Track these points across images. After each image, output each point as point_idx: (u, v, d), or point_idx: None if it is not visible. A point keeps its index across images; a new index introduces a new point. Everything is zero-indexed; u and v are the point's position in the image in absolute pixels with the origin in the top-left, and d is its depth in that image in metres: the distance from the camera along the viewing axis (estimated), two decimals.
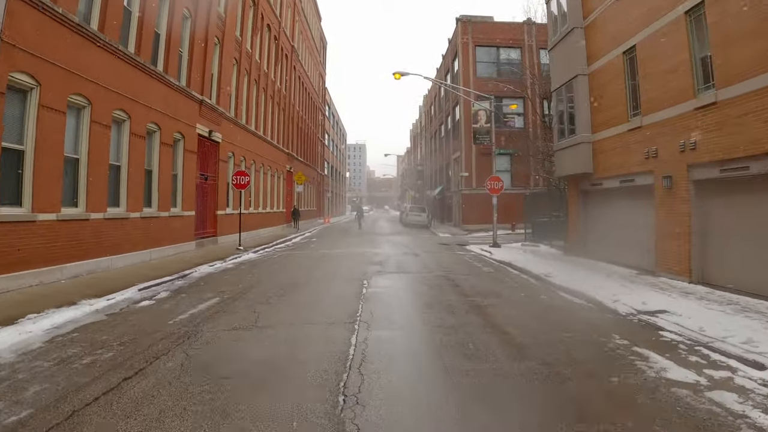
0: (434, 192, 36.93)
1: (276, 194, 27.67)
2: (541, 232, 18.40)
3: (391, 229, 32.01)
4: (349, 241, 20.78)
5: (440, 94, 41.94)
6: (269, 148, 25.97)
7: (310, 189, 40.52)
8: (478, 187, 30.49)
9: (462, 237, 25.05)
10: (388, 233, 27.45)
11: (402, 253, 15.70)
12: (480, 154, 30.74)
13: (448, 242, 21.21)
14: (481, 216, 30.09)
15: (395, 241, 21.20)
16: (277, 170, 27.64)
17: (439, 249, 17.72)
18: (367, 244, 19.43)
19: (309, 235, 25.15)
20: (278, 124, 28.36)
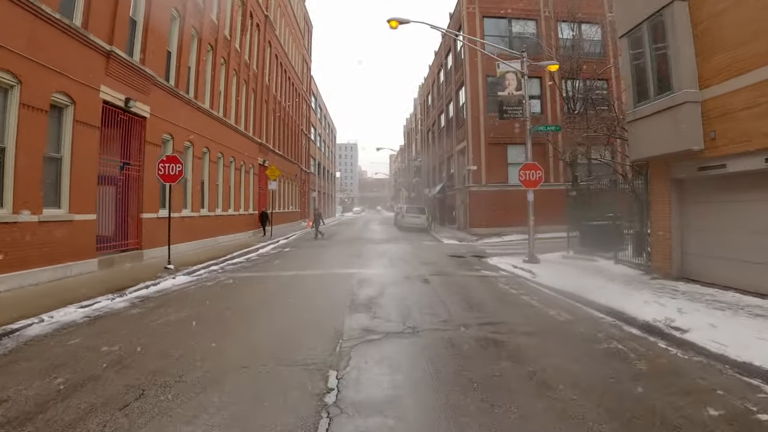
0: (434, 190, 32.04)
1: (243, 192, 22.55)
2: (593, 240, 13.49)
3: (385, 234, 26.94)
4: (330, 254, 15.70)
5: (439, 81, 37.05)
6: (233, 135, 20.85)
7: (291, 187, 35.39)
8: (488, 183, 25.59)
9: (473, 244, 20.09)
10: (381, 239, 22.40)
11: (403, 277, 10.44)
12: (490, 143, 25.84)
13: (461, 253, 16.21)
14: (493, 217, 25.20)
15: (391, 252, 16.14)
16: (244, 163, 22.53)
17: (455, 266, 12.68)
18: (354, 257, 14.36)
19: (281, 244, 20.04)
20: (247, 107, 23.26)
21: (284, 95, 32.79)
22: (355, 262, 12.80)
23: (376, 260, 13.37)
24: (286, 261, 13.69)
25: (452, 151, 30.92)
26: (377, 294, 8.23)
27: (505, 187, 25.74)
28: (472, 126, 25.78)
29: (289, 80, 34.52)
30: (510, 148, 26.21)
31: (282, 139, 32.07)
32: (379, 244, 19.49)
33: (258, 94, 25.07)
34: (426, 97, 45.26)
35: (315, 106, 51.04)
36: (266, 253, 16.55)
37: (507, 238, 22.85)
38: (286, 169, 32.64)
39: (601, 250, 12.91)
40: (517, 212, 25.91)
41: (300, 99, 39.87)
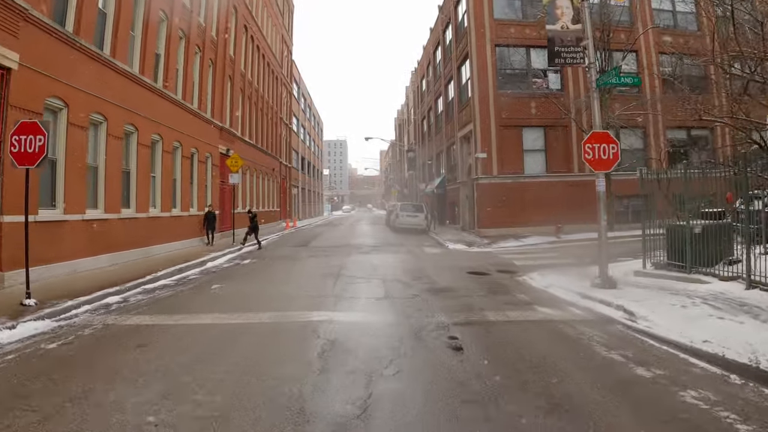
0: (432, 184, 27.60)
1: (196, 187, 17.88)
2: (690, 248, 8.98)
3: (376, 237, 22.37)
4: (297, 272, 10.98)
5: (435, 61, 32.57)
6: (179, 113, 16.16)
7: (268, 183, 30.70)
8: (500, 174, 21.17)
9: (489, 251, 15.64)
10: (371, 246, 17.81)
11: (409, 334, 5.45)
12: (502, 126, 21.41)
13: (482, 267, 11.66)
14: (506, 215, 20.80)
15: (384, 268, 11.30)
16: (197, 150, 17.84)
17: (487, 298, 7.88)
18: (329, 280, 9.44)
19: (242, 254, 15.44)
20: (203, 81, 18.55)
21: (258, 76, 28.07)
22: (329, 293, 8.08)
23: (362, 287, 8.66)
24: (229, 288, 9.03)
25: (454, 138, 26.46)
26: (359, 407, 3.61)
27: (521, 178, 21.37)
28: (480, 105, 21.32)
29: (264, 59, 29.80)
30: (526, 132, 21.82)
31: (255, 127, 27.37)
32: (369, 253, 14.89)
33: (219, 66, 20.37)
34: (420, 82, 40.75)
35: (298, 95, 46.33)
36: (212, 269, 11.96)
37: (527, 241, 18.45)
38: (260, 161, 27.96)
39: (700, 262, 8.48)
40: (534, 209, 21.54)
41: (279, 84, 35.17)
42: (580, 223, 21.18)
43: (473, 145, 22.37)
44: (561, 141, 22.10)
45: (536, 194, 21.28)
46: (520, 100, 21.40)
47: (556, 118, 21.92)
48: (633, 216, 23.21)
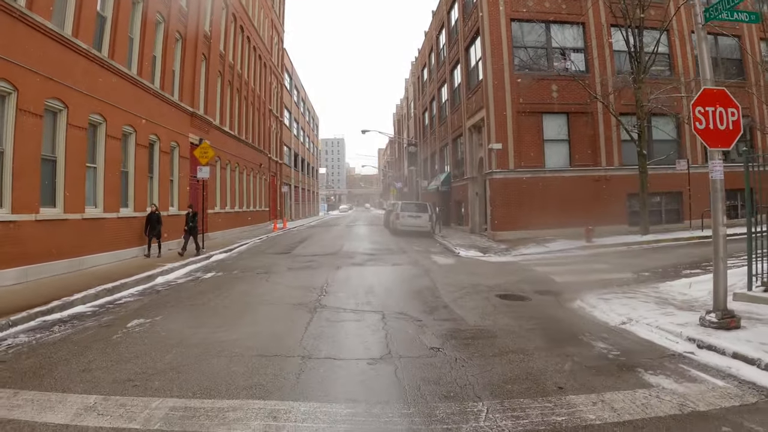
0: (437, 181, 24.64)
1: (157, 183, 14.91)
2: None
3: (374, 241, 19.40)
4: (258, 301, 7.41)
5: (438, 46, 29.65)
6: (130, 90, 13.19)
7: (255, 180, 27.72)
8: (518, 168, 18.26)
9: (512, 260, 12.70)
10: (366, 253, 14.82)
11: None
12: (519, 113, 18.49)
13: (512, 285, 8.73)
14: (525, 216, 17.91)
15: (384, 288, 8.27)
16: (158, 138, 14.87)
17: (554, 350, 4.82)
18: (300, 317, 6.20)
19: (195, 269, 12.41)
20: (166, 56, 15.58)
21: (243, 60, 25.10)
22: (294, 348, 4.80)
23: (349, 333, 5.41)
24: (148, 330, 5.97)
25: (461, 129, 23.52)
26: None
27: (540, 172, 18.47)
28: (494, 89, 18.38)
29: (250, 42, 26.81)
30: (546, 119, 18.91)
31: (238, 117, 24.40)
32: (364, 264, 11.84)
33: (190, 42, 17.39)
34: (421, 72, 37.81)
35: (290, 87, 43.33)
36: (158, 288, 9.05)
37: (552, 246, 15.54)
38: (244, 155, 24.99)
39: None
40: (557, 208, 18.53)
41: (268, 72, 32.18)
42: (608, 224, 18.32)
43: (485, 136, 19.45)
44: (586, 129, 19.20)
45: (559, 191, 18.39)
46: (539, 83, 18.49)
47: (581, 103, 19.07)
48: (667, 216, 20.36)
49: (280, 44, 38.03)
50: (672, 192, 20.15)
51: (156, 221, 13.23)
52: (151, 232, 13.14)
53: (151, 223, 13.17)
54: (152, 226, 13.14)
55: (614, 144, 19.36)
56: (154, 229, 13.18)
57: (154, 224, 13.17)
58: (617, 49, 19.88)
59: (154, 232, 13.19)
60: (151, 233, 13.16)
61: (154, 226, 13.16)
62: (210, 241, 18.34)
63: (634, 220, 19.35)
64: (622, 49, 19.91)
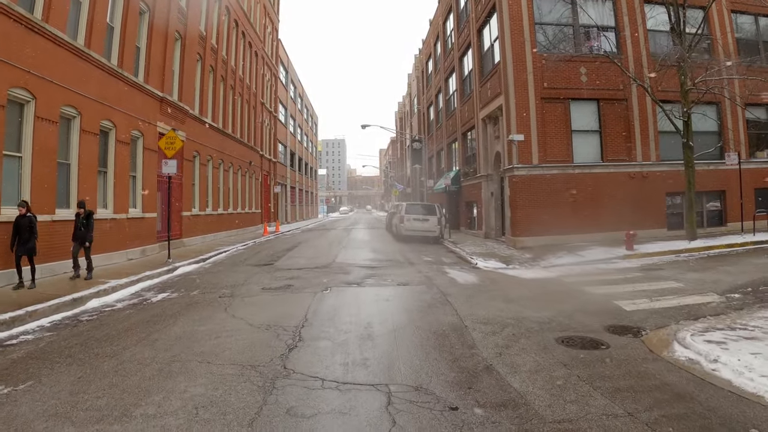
0: (445, 180, 22.02)
1: (112, 178, 12.33)
2: None
3: (375, 249, 16.75)
4: (190, 358, 4.50)
5: (445, 33, 27.09)
6: (72, 62, 10.62)
7: (243, 179, 25.14)
8: (543, 164, 15.65)
9: (544, 275, 10.06)
10: (366, 265, 12.18)
11: None
12: (543, 99, 15.89)
13: (568, 316, 6.12)
14: (553, 219, 15.30)
15: (388, 327, 5.60)
16: (114, 124, 12.28)
17: None
18: (249, 402, 4.09)
19: (146, 287, 9.81)
20: (126, 29, 13.02)
21: (229, 46, 22.54)
22: None
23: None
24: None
25: (472, 121, 20.92)
26: None
27: (569, 168, 15.87)
28: (515, 70, 15.78)
29: (238, 27, 24.27)
30: (574, 107, 16.30)
31: (224, 108, 21.83)
32: (361, 283, 9.12)
33: (160, 16, 14.82)
34: (425, 64, 35.24)
35: (286, 81, 40.79)
36: (83, 318, 6.55)
37: (588, 255, 12.94)
38: (230, 150, 22.41)
39: None
40: (588, 209, 15.92)
41: (260, 62, 29.62)
42: (644, 227, 15.68)
43: (502, 126, 16.86)
44: (619, 119, 16.60)
45: (589, 190, 15.81)
46: (565, 65, 15.89)
47: (614, 88, 16.50)
48: (708, 218, 17.70)
49: (274, 34, 35.49)
50: (714, 191, 17.56)
51: (27, 230, 8.10)
52: (21, 246, 8.06)
53: (19, 231, 8.04)
54: (21, 237, 8.05)
55: (651, 136, 16.76)
56: (26, 243, 8.11)
57: (24, 234, 8.07)
58: (651, 28, 17.37)
59: (25, 247, 8.11)
60: (20, 248, 8.06)
61: (23, 236, 8.06)
62: (184, 248, 15.78)
63: (673, 223, 16.81)
64: (656, 28, 17.47)
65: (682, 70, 14.77)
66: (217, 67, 20.67)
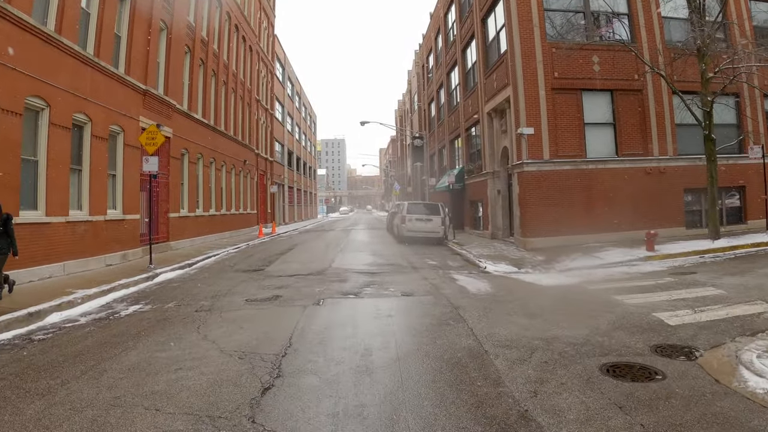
0: (449, 178, 20.97)
1: (87, 177, 11.28)
2: None
3: (375, 252, 15.72)
4: (139, 403, 3.77)
5: (447, 25, 26.06)
6: (39, 47, 9.59)
7: (237, 178, 24.12)
8: (555, 159, 14.62)
9: (563, 280, 9.01)
10: (365, 271, 11.10)
11: None
12: (554, 90, 14.86)
13: (606, 335, 5.10)
14: (565, 218, 14.29)
15: (392, 354, 4.47)
16: (90, 118, 11.25)
17: None
18: None
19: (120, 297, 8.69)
20: (104, 14, 11.99)
21: (221, 39, 21.51)
22: None
23: None
24: None
25: (477, 115, 19.88)
26: None
27: (582, 164, 14.85)
28: (523, 58, 14.75)
29: (231, 19, 23.24)
30: (587, 98, 15.26)
31: (216, 104, 20.81)
32: (359, 293, 8.00)
33: (143, 5, 13.80)
34: (426, 59, 34.21)
35: (283, 78, 39.76)
36: (26, 340, 5.44)
37: (607, 257, 11.91)
38: (223, 148, 21.38)
39: None
40: (601, 208, 14.83)
41: (255, 57, 28.59)
42: (661, 226, 14.60)
43: (510, 120, 15.83)
44: (634, 111, 15.56)
45: (603, 186, 14.79)
46: (577, 54, 14.83)
47: (628, 78, 15.49)
48: (727, 216, 16.64)
49: (270, 29, 34.46)
50: (733, 187, 16.53)
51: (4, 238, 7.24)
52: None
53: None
54: None
55: (668, 129, 15.73)
56: None
57: None
58: (665, 15, 16.35)
59: None
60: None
61: None
62: (171, 252, 14.76)
63: (692, 221, 15.81)
64: (671, 15, 16.48)
65: (702, 57, 13.75)
66: (207, 60, 19.63)
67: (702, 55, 13.68)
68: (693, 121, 15.15)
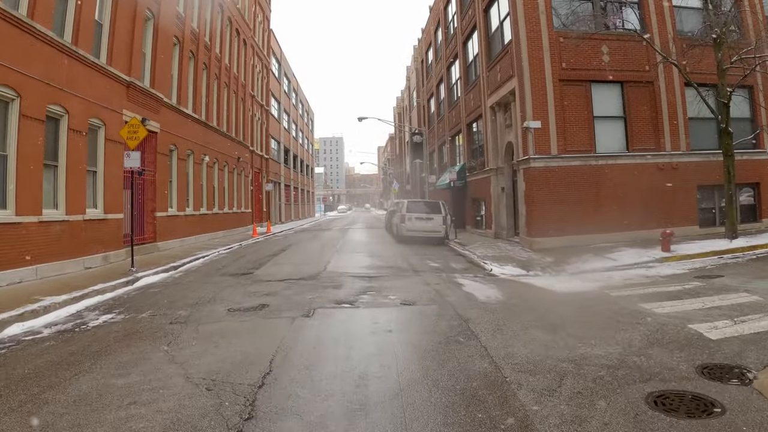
0: (450, 175, 20.20)
1: (64, 173, 10.47)
2: None
3: (373, 254, 14.96)
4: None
5: (447, 18, 25.26)
6: (16, 37, 8.79)
7: (230, 176, 23.32)
8: (563, 154, 13.87)
9: (581, 286, 8.24)
10: (362, 274, 10.35)
11: None
12: (562, 81, 14.08)
13: (658, 362, 4.31)
14: (575, 216, 13.54)
15: (395, 390, 3.57)
16: (67, 110, 10.44)
17: None
18: None
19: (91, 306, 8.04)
20: (84, 3, 11.17)
21: (213, 31, 20.67)
22: None
23: None
24: None
25: (479, 110, 19.10)
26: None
27: (591, 159, 14.11)
28: (529, 47, 13.98)
29: (223, 12, 22.40)
30: (596, 90, 14.51)
31: (207, 99, 19.99)
32: (354, 303, 7.26)
33: None
34: (425, 54, 33.40)
35: (279, 74, 38.92)
36: None
37: (620, 259, 11.18)
38: (215, 145, 20.58)
39: None
40: (612, 206, 14.06)
41: (249, 51, 27.75)
42: (673, 225, 13.77)
43: (515, 113, 15.08)
44: (645, 103, 14.81)
45: (613, 183, 14.06)
46: (585, 43, 14.08)
47: (639, 69, 14.75)
48: (742, 214, 15.88)
49: (266, 23, 33.60)
50: (747, 183, 15.80)
51: None
52: None
53: None
54: None
55: (680, 123, 14.98)
56: None
57: None
58: (677, 4, 15.60)
59: None
60: None
61: None
62: (158, 254, 13.97)
63: (705, 219, 15.10)
64: (682, 4, 15.73)
65: (719, 47, 12.99)
66: (198, 53, 18.81)
67: (719, 44, 12.94)
68: (706, 115, 14.45)
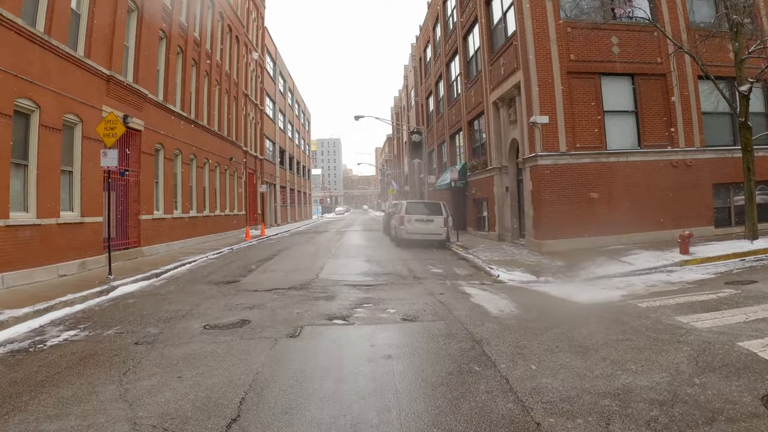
0: (451, 174, 19.37)
1: (34, 174, 9.61)
2: None
3: (371, 259, 14.11)
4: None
5: (446, 13, 24.47)
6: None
7: (222, 177, 22.46)
8: (573, 151, 13.06)
9: (591, 287, 7.42)
10: (358, 282, 9.53)
11: None
12: (569, 74, 13.29)
13: (719, 396, 3.50)
14: (585, 217, 12.76)
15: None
16: (39, 105, 9.56)
17: None
18: None
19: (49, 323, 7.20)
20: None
21: (203, 26, 19.83)
22: None
23: None
24: None
25: (481, 106, 18.30)
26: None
27: (602, 156, 13.31)
28: (535, 38, 13.18)
29: (215, 7, 21.56)
30: (606, 83, 13.73)
31: (196, 96, 19.14)
32: (348, 318, 6.41)
33: None
34: (423, 51, 32.61)
35: (274, 73, 38.08)
36: None
37: (636, 262, 10.38)
38: (205, 145, 19.73)
39: None
40: (623, 205, 13.25)
41: (242, 49, 26.91)
42: (687, 225, 13.01)
43: (521, 108, 14.28)
44: (657, 97, 14.04)
45: (626, 182, 13.27)
46: (594, 34, 13.29)
47: (650, 61, 13.98)
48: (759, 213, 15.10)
49: (260, 20, 32.77)
50: (763, 181, 15.03)
51: None
52: None
53: None
54: None
55: (694, 117, 14.21)
56: None
57: None
58: None
59: None
60: None
61: None
62: (141, 259, 13.11)
63: (721, 219, 14.34)
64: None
65: (736, 36, 12.23)
66: (187, 48, 17.97)
67: (736, 33, 12.17)
68: (720, 110, 13.73)
